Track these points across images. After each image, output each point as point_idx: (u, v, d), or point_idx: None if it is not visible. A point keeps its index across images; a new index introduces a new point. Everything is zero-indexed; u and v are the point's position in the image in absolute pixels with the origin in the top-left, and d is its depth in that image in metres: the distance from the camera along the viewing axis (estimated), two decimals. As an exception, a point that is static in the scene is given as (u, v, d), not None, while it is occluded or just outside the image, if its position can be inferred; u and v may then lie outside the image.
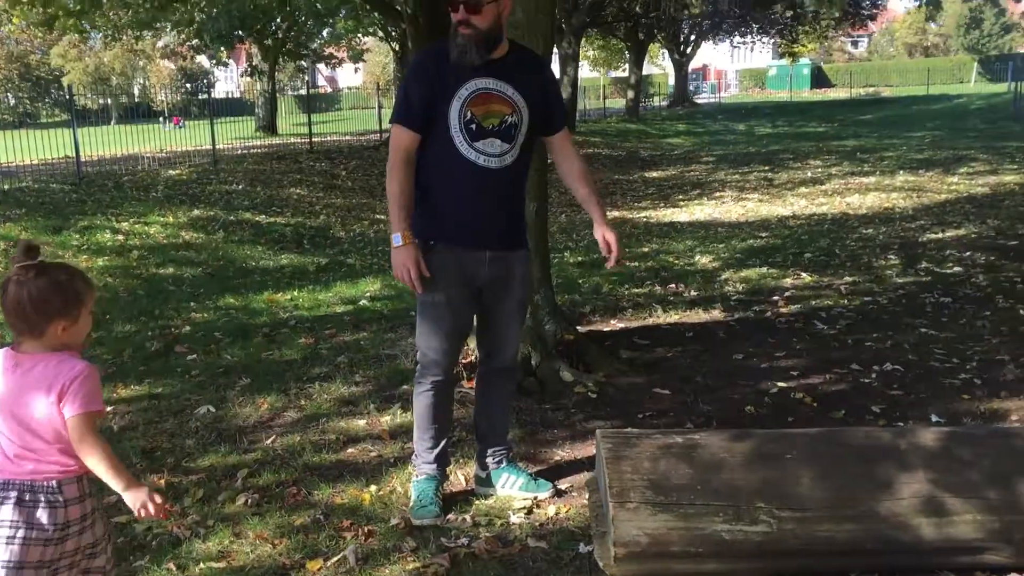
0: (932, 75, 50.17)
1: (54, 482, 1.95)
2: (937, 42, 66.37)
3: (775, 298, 6.21)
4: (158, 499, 1.97)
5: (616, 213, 11.51)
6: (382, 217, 11.80)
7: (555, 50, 25.67)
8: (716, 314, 5.80)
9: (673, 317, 5.73)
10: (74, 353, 1.99)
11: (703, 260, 7.68)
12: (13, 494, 1.93)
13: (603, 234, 3.03)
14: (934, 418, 3.80)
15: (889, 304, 5.93)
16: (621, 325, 5.51)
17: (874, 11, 29.24)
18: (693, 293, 6.41)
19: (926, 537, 2.44)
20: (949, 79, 52.30)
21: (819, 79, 56.98)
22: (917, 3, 15.64)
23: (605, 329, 5.41)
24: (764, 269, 7.15)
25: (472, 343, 3.79)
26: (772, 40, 36.58)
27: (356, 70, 57.42)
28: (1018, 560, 2.49)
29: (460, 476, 3.36)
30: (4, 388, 1.95)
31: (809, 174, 15.17)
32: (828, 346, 5.02)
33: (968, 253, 7.39)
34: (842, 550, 2.45)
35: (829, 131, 26.34)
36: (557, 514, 3.04)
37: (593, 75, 51.57)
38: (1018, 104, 27.25)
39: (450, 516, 3.03)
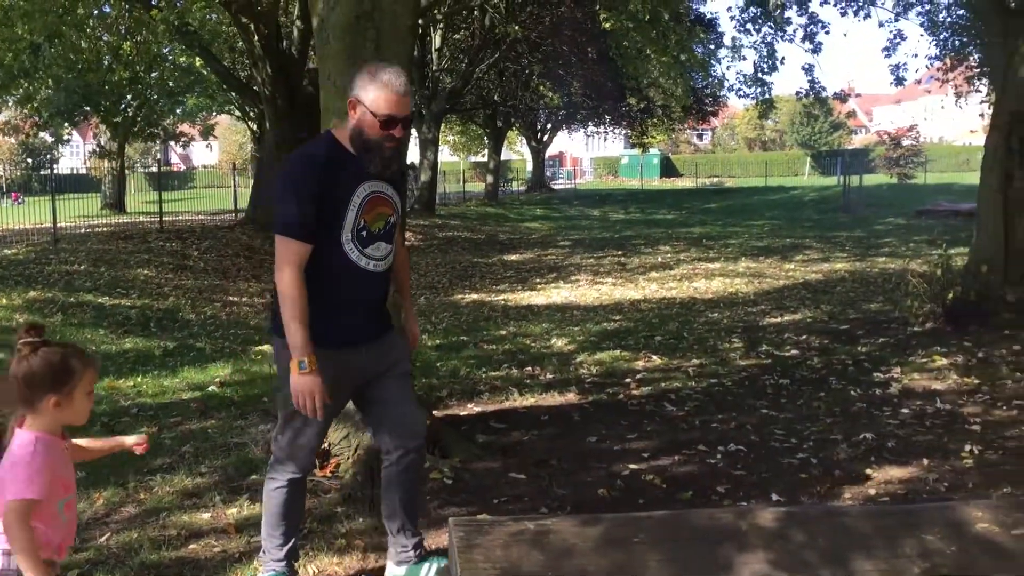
0: (770, 168, 53.68)
1: None
2: (774, 137, 71.23)
3: (627, 380, 6.38)
4: None
5: (474, 296, 11.63)
6: (235, 299, 11.50)
7: (415, 135, 26.08)
8: (571, 397, 5.90)
9: (529, 400, 5.79)
10: (46, 434, 2.10)
11: (559, 343, 7.83)
12: None
13: (411, 327, 3.22)
14: (774, 497, 3.96)
15: (733, 386, 6.19)
16: (478, 409, 5.52)
17: (715, 107, 31.22)
18: (549, 376, 6.51)
19: (768, 617, 2.53)
20: (785, 171, 56.06)
21: (668, 168, 60.01)
22: (752, 102, 16.73)
23: (462, 413, 5.41)
24: (617, 352, 7.35)
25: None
26: (624, 131, 38.33)
27: (210, 147, 56.45)
28: (852, 636, 2.60)
29: (310, 570, 3.24)
30: None
31: (659, 259, 15.81)
32: (677, 428, 5.18)
33: (804, 336, 7.83)
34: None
35: (678, 218, 27.65)
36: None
37: (453, 159, 52.51)
38: (847, 197, 29.42)
39: (298, 613, 2.92)
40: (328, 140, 2.90)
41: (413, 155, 29.21)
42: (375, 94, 2.75)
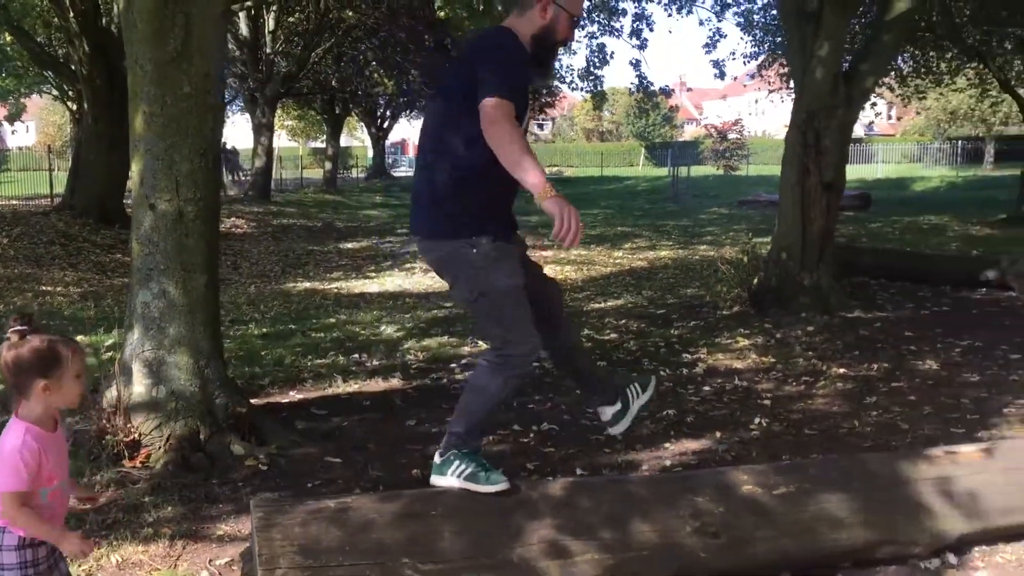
0: (607, 158, 55.34)
1: None
2: (612, 128, 73.34)
3: (453, 366, 6.53)
4: (81, 542, 2.23)
5: (307, 284, 11.51)
6: (48, 288, 10.93)
7: (247, 118, 25.37)
8: (395, 383, 6.00)
9: (353, 387, 5.84)
10: (35, 426, 2.18)
11: (388, 330, 7.90)
12: None
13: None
14: (578, 472, 4.20)
15: (553, 369, 6.45)
16: (300, 396, 5.54)
17: (551, 99, 31.91)
18: (375, 363, 6.58)
19: (555, 578, 2.72)
20: (622, 162, 57.96)
21: (507, 157, 60.78)
22: (587, 94, 17.29)
23: (283, 401, 5.41)
24: (445, 338, 7.49)
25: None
26: (464, 120, 38.64)
27: (27, 129, 52.92)
28: (632, 592, 2.84)
29: (113, 560, 3.21)
30: None
31: (495, 247, 16.08)
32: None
33: (624, 321, 8.22)
34: (480, 598, 2.66)
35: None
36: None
37: (292, 145, 51.30)
38: (675, 188, 30.76)
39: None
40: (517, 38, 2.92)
41: (247, 140, 28.40)
42: None
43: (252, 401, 4.85)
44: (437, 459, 3.04)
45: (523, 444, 4.67)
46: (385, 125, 41.27)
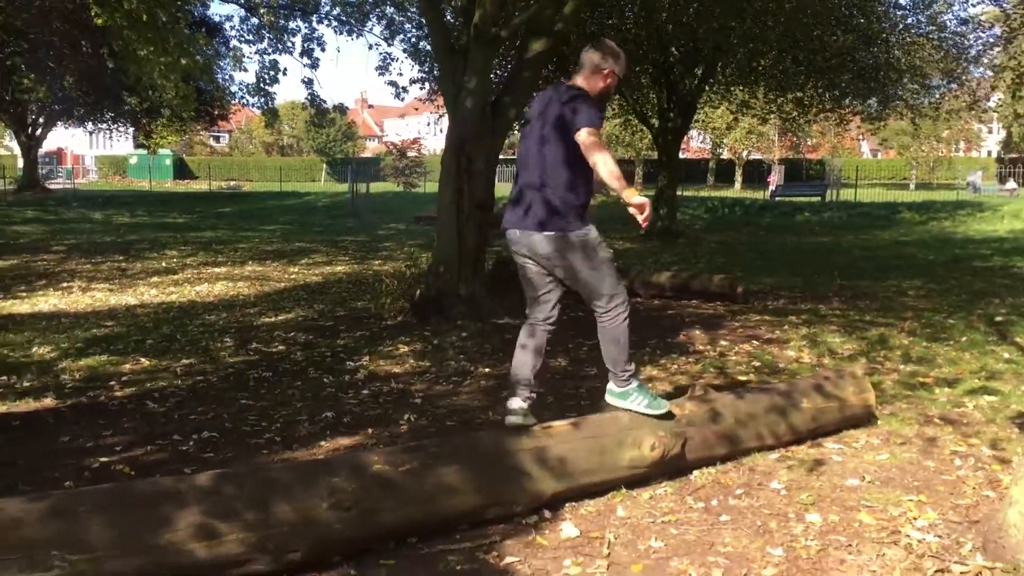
0: (289, 173, 54.78)
1: None
2: (292, 142, 72.52)
3: (111, 383, 6.48)
4: None
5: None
6: None
7: None
8: (48, 402, 5.87)
9: (0, 408, 5.65)
10: None
11: (41, 351, 7.58)
12: None
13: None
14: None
15: (219, 381, 6.62)
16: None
17: (224, 112, 31.17)
18: (25, 384, 6.35)
19: (202, 558, 3.03)
20: (303, 177, 57.58)
21: (182, 170, 58.09)
22: (259, 111, 17.27)
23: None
24: (105, 357, 7.35)
25: None
26: (130, 129, 36.43)
27: None
28: (276, 565, 3.21)
29: None
30: None
31: (164, 264, 15.57)
32: (155, 422, 5.47)
33: (293, 333, 8.51)
34: (130, 582, 2.91)
35: (189, 222, 27.10)
36: None
37: (-78, 151, 45.41)
38: (354, 203, 31.28)
39: None
40: None
41: None
42: (621, 65, 4.32)
43: None
44: (616, 388, 4.32)
45: (182, 452, 4.85)
46: (37, 133, 37.83)
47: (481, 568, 3.42)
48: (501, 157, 10.37)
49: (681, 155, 25.41)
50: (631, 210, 3.94)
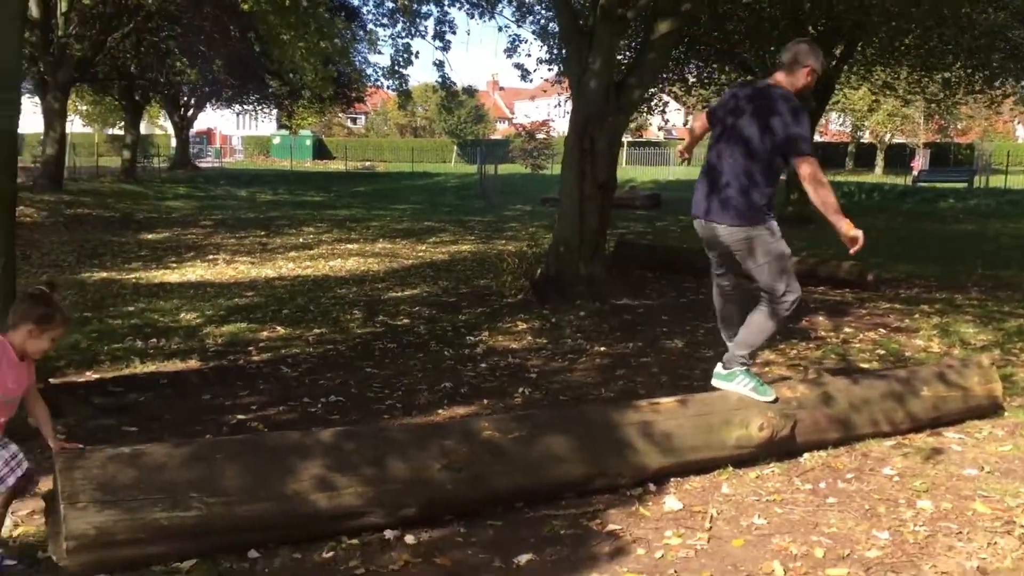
0: (420, 154, 55.85)
1: None
2: (425, 124, 73.91)
3: (250, 348, 6.92)
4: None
5: (104, 274, 11.38)
6: None
7: (38, 103, 24.10)
8: (192, 363, 6.33)
9: (150, 367, 6.14)
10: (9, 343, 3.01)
11: (187, 317, 8.14)
12: None
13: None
14: (358, 433, 4.75)
15: (347, 350, 6.97)
16: (96, 376, 5.78)
17: (360, 94, 32.12)
18: (173, 346, 6.86)
19: (322, 508, 3.27)
20: (434, 158, 58.62)
21: (321, 150, 60.11)
22: (393, 92, 17.75)
23: (79, 380, 5.64)
24: (244, 324, 7.83)
25: None
26: (273, 111, 38.02)
27: None
28: (389, 519, 3.43)
29: None
30: None
31: (301, 240, 16.29)
32: (288, 386, 5.84)
33: (418, 308, 8.83)
34: (258, 525, 3.18)
35: (326, 200, 28.15)
36: (21, 535, 3.36)
37: (86, 131, 48.63)
38: (483, 184, 31.73)
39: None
40: None
41: (33, 125, 26.93)
42: (820, 62, 4.32)
43: (49, 380, 5.08)
44: (722, 370, 4.43)
45: (311, 413, 5.17)
46: (189, 114, 39.97)
47: (584, 534, 3.54)
48: (625, 139, 10.38)
49: (818, 138, 24.61)
50: (844, 239, 4.13)
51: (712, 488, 4.04)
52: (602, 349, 7.06)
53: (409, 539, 3.42)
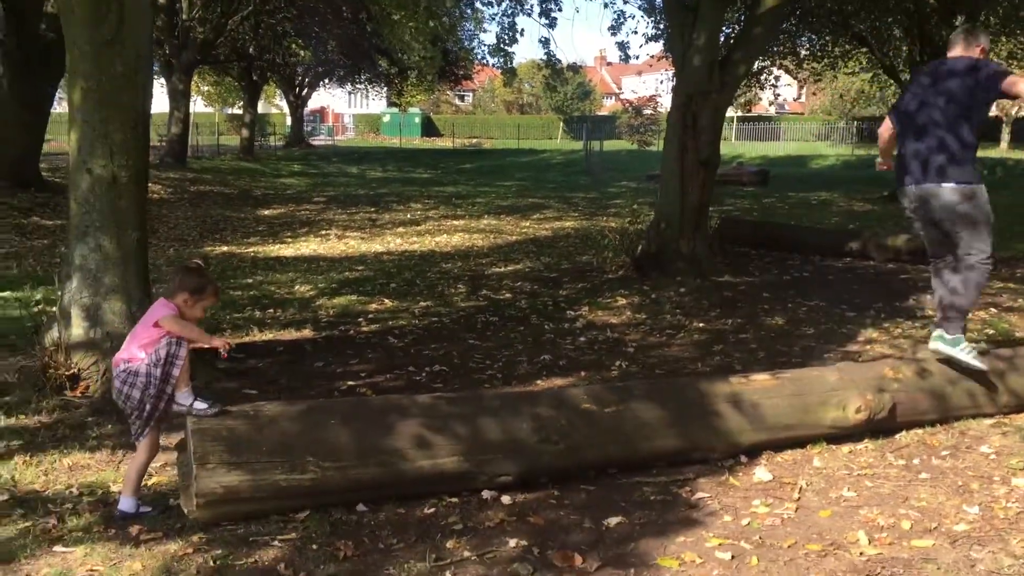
0: (526, 131, 56.08)
1: None
2: (531, 101, 74.05)
3: (359, 320, 7.26)
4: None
5: (224, 248, 11.99)
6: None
7: (164, 84, 25.30)
8: (306, 332, 6.70)
9: (268, 336, 6.53)
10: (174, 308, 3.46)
11: (302, 289, 8.56)
12: None
13: None
14: (460, 400, 4.98)
15: (451, 323, 7.23)
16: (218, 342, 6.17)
17: (466, 72, 32.48)
18: (288, 317, 7.25)
19: (426, 469, 3.50)
20: (540, 135, 58.73)
21: (429, 128, 61.01)
22: (498, 69, 17.94)
23: (204, 346, 6.04)
24: (354, 297, 8.19)
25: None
26: (383, 89, 38.80)
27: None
28: (489, 484, 3.63)
29: (65, 463, 3.86)
30: None
31: (409, 216, 16.73)
32: (395, 355, 6.12)
33: (520, 283, 9.03)
34: (369, 485, 3.43)
35: (433, 177, 28.69)
36: (155, 484, 3.72)
37: (207, 111, 50.66)
38: (589, 160, 31.71)
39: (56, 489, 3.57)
40: None
41: (160, 105, 28.23)
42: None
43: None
44: (945, 335, 4.54)
45: (416, 381, 5.44)
46: (303, 93, 41.20)
47: (673, 500, 3.67)
48: (734, 114, 10.27)
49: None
50: None
51: (803, 461, 4.10)
52: (701, 325, 7.11)
53: (505, 499, 3.62)
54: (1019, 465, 3.97)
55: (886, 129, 4.94)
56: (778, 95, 24.92)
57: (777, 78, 24.13)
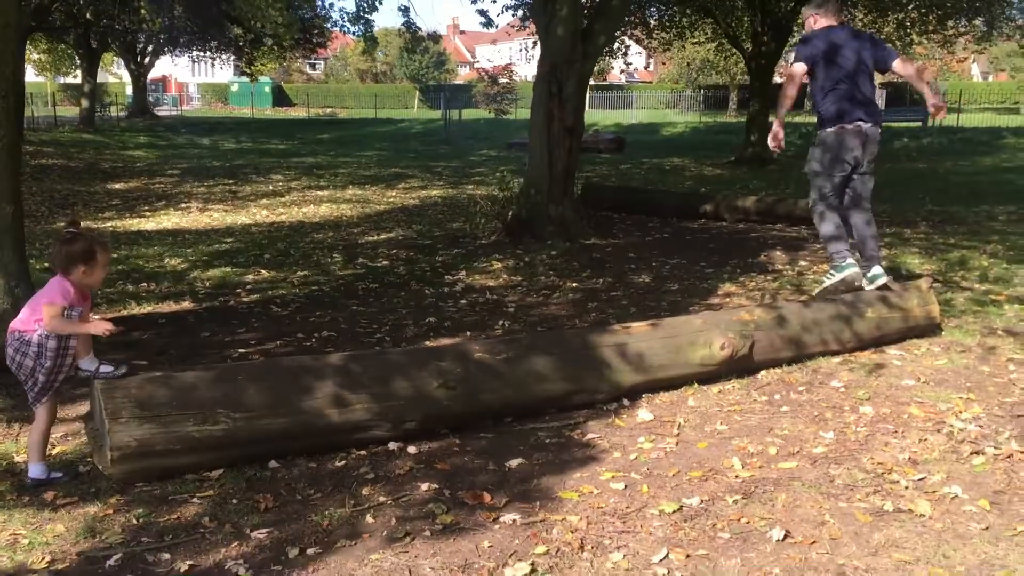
0: (382, 100, 55.45)
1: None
2: (385, 69, 73.15)
3: (238, 290, 7.24)
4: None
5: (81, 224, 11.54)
6: None
7: None
8: (186, 304, 6.65)
9: (146, 308, 6.45)
10: (67, 280, 3.40)
11: (173, 262, 8.41)
12: None
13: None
14: (354, 362, 5.13)
15: (332, 291, 7.31)
16: (96, 317, 6.06)
17: (320, 40, 31.84)
18: (164, 289, 7.16)
19: (335, 421, 3.66)
20: (396, 104, 58.21)
21: (280, 98, 59.41)
22: (357, 37, 17.79)
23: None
24: (229, 268, 8.13)
25: None
26: (231, 57, 37.49)
27: None
28: (394, 432, 3.83)
29: None
30: None
31: (271, 187, 16.46)
32: (281, 323, 6.19)
33: (395, 251, 9.17)
34: (279, 436, 3.56)
35: (290, 148, 28.11)
36: (59, 452, 3.72)
37: (39, 80, 47.64)
38: (448, 130, 31.82)
39: (-45, 470, 3.53)
40: None
41: None
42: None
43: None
44: (877, 271, 5.44)
45: (306, 347, 5.54)
46: (146, 61, 39.32)
47: (567, 442, 3.97)
48: (592, 83, 10.67)
49: (777, 80, 25.00)
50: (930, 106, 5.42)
51: (680, 402, 4.49)
52: (574, 285, 7.47)
53: (411, 449, 3.83)
54: (865, 396, 4.49)
55: (799, 77, 5.57)
56: (629, 63, 25.62)
57: (628, 47, 24.86)
